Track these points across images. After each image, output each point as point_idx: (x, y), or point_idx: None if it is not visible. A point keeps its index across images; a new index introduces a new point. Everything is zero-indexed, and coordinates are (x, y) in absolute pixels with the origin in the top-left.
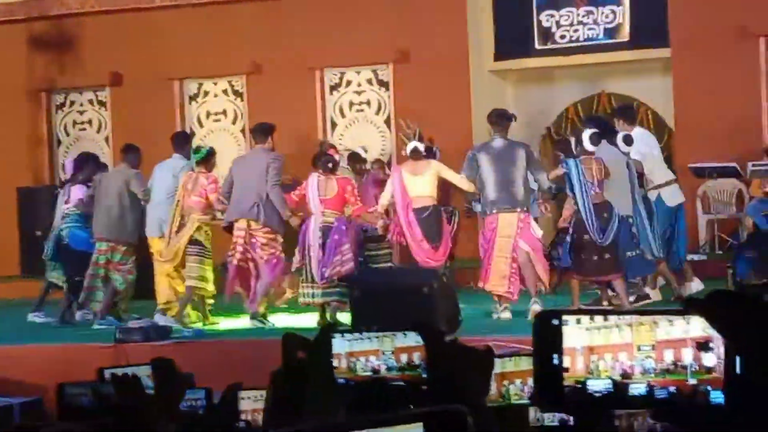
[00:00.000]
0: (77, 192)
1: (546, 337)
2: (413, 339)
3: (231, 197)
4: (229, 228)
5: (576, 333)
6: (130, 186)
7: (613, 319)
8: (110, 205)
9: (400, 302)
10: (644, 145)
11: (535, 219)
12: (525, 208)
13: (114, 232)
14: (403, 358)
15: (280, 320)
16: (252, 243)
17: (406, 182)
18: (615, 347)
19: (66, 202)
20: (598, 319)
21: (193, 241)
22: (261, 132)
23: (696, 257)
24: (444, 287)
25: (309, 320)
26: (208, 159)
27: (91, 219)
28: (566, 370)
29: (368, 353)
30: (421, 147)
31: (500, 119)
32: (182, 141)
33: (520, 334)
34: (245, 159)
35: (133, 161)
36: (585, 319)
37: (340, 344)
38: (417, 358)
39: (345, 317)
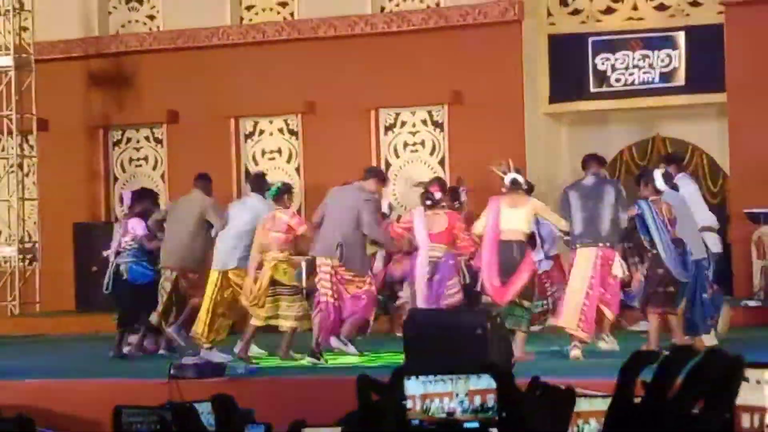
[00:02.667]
0: (136, 226)
1: None
2: (486, 381)
3: (320, 231)
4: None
5: None
6: (207, 215)
7: None
8: (181, 232)
9: (454, 343)
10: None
11: None
12: (608, 244)
13: (182, 260)
14: (477, 400)
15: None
16: (338, 279)
17: (502, 214)
18: None
19: (123, 235)
20: None
21: (274, 282)
22: (370, 172)
23: (751, 303)
24: (497, 328)
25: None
26: (281, 195)
27: (147, 252)
28: None
29: (442, 395)
30: (521, 179)
31: (590, 159)
32: (261, 182)
33: (565, 376)
34: (340, 193)
35: (207, 189)
36: None
37: (414, 386)
38: (491, 400)
39: None
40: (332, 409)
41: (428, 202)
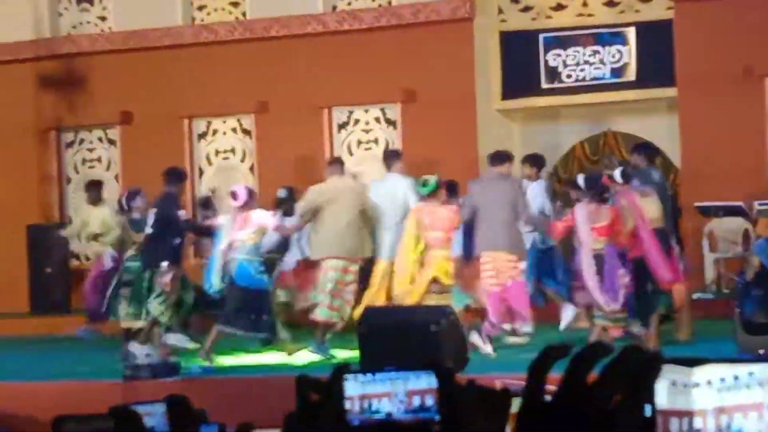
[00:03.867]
0: (265, 217)
1: None
2: (426, 381)
3: (476, 227)
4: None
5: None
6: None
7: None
8: (350, 220)
9: (408, 340)
10: None
11: None
12: None
13: (351, 249)
14: (416, 400)
15: None
16: (499, 270)
17: (641, 205)
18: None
19: (241, 228)
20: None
21: (434, 280)
22: (501, 159)
23: (702, 296)
24: (452, 325)
25: None
26: (437, 191)
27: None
28: None
29: (381, 396)
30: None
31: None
32: (395, 157)
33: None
34: (486, 185)
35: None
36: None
37: (353, 386)
38: (429, 400)
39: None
40: (287, 408)
41: (605, 195)
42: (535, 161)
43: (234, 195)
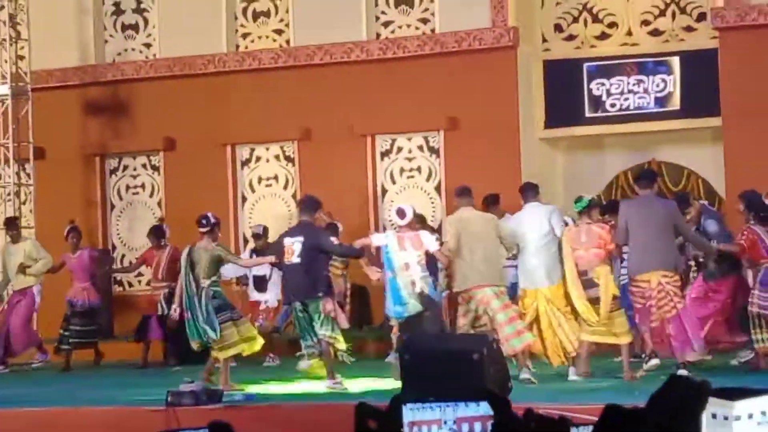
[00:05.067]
0: (430, 240)
1: None
2: (474, 409)
3: (632, 249)
4: None
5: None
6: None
7: None
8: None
9: (451, 368)
10: None
11: None
12: None
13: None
14: (465, 427)
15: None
16: (665, 293)
17: None
18: None
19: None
20: None
21: (612, 296)
22: (649, 178)
23: None
24: (494, 354)
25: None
26: (591, 209)
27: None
28: None
29: (431, 423)
30: None
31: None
32: (535, 191)
33: (568, 401)
34: (641, 206)
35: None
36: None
37: (405, 414)
38: (478, 427)
39: None
40: None
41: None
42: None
43: (401, 213)
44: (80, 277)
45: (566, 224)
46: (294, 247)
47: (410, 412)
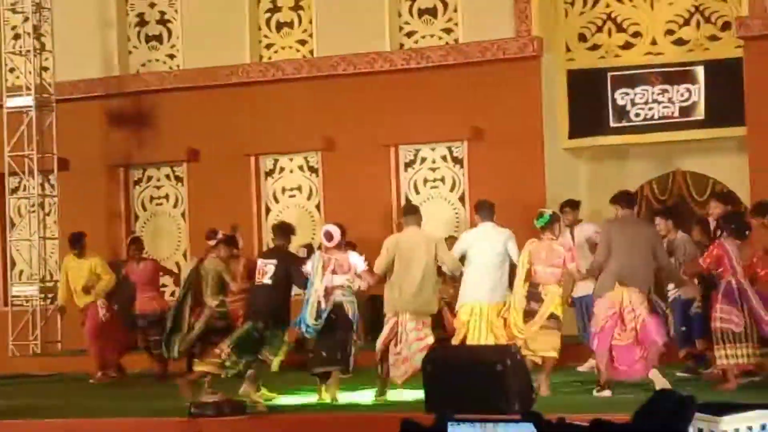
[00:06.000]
0: (358, 260)
1: None
2: (516, 428)
3: (608, 266)
4: None
5: None
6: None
7: None
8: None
9: (474, 380)
10: None
11: None
12: None
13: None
14: None
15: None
16: (633, 312)
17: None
18: None
19: (333, 272)
20: None
21: (549, 315)
22: (628, 200)
23: None
24: (518, 365)
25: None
26: (552, 224)
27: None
28: None
29: None
30: None
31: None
32: (491, 210)
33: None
34: (625, 226)
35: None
36: None
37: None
38: None
39: None
40: None
41: (746, 233)
42: (575, 206)
43: (329, 236)
44: (146, 288)
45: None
46: (266, 269)
47: (461, 429)
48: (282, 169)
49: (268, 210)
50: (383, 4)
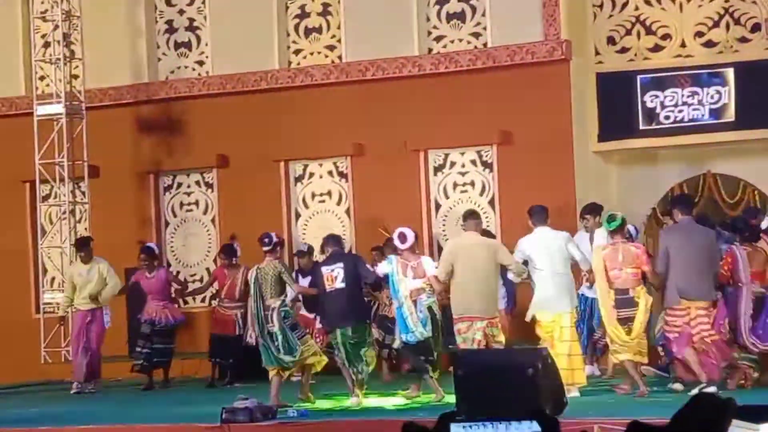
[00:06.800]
0: (430, 264)
1: None
2: (527, 426)
3: (670, 278)
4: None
5: None
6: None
7: None
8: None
9: (505, 383)
10: None
11: None
12: None
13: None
14: None
15: None
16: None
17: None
18: None
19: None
20: None
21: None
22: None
23: None
24: (548, 368)
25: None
26: (623, 227)
27: None
28: None
29: None
30: None
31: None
32: (545, 215)
33: (624, 415)
34: (685, 234)
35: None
36: None
37: (456, 430)
38: None
39: None
40: None
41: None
42: (596, 210)
43: (402, 237)
44: (158, 296)
45: (630, 235)
46: (335, 274)
47: (462, 429)
48: (311, 175)
49: (297, 215)
50: (411, 9)
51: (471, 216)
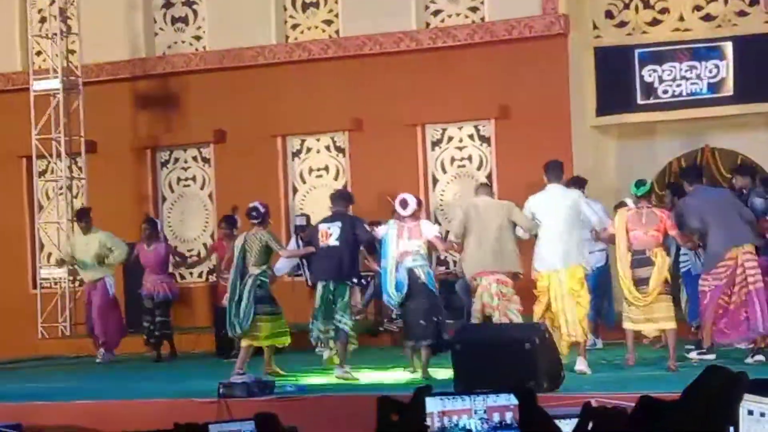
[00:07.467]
0: (429, 227)
1: None
2: (505, 398)
3: (710, 239)
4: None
5: None
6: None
7: None
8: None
9: (502, 357)
10: None
11: None
12: None
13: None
14: (496, 416)
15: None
16: (744, 268)
17: None
18: None
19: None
20: None
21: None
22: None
23: None
24: (546, 343)
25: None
26: (651, 192)
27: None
28: None
29: (461, 412)
30: None
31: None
32: (560, 171)
33: (619, 390)
34: (707, 197)
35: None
36: None
37: (433, 404)
38: (509, 417)
39: None
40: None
41: None
42: (580, 183)
43: (404, 203)
44: (157, 269)
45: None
46: (331, 231)
47: (440, 402)
48: (309, 150)
49: (295, 190)
50: None
51: (483, 186)
